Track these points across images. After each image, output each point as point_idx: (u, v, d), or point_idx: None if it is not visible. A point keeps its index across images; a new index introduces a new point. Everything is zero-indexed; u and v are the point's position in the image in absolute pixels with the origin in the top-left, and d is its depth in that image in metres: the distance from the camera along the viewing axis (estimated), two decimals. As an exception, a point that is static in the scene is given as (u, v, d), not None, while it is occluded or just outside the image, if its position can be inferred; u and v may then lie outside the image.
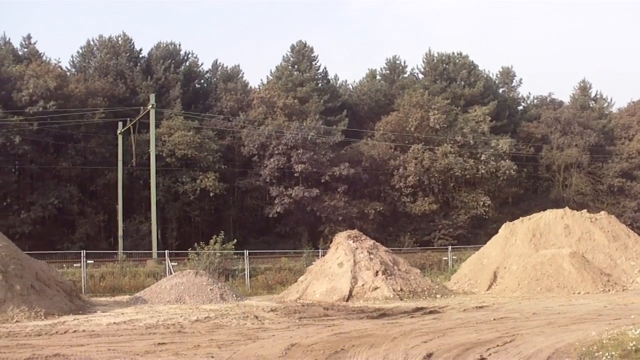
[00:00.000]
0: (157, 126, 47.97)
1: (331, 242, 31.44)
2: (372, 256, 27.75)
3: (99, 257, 36.95)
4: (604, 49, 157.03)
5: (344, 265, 27.44)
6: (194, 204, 56.32)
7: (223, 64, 74.05)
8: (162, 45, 67.55)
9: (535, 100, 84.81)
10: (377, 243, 29.92)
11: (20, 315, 20.19)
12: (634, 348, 12.51)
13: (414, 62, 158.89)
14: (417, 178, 62.12)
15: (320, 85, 70.93)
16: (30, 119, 51.35)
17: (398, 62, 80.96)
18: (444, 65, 76.13)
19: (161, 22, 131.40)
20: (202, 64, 71.78)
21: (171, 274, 29.96)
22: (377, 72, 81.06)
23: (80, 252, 32.49)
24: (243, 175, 60.18)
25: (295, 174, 58.88)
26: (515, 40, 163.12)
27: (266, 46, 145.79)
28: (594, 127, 75.22)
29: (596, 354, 12.63)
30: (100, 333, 17.90)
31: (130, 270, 34.13)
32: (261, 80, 76.01)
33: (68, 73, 63.08)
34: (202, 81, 71.85)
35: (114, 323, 19.64)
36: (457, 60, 76.56)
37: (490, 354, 13.96)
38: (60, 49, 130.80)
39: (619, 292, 27.30)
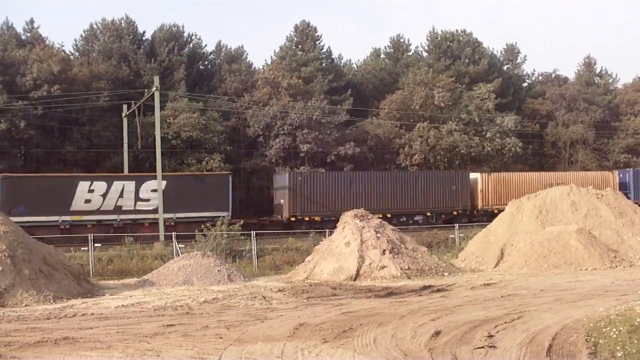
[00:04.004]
0: (161, 108, 47.90)
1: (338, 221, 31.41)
2: (379, 235, 27.75)
3: (107, 241, 37.04)
4: (608, 24, 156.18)
5: (350, 245, 27.45)
6: (200, 186, 56.37)
7: (227, 45, 73.97)
8: (165, 28, 67.37)
9: (540, 77, 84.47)
10: (384, 222, 29.93)
11: (29, 299, 20.30)
12: (641, 323, 12.54)
13: (417, 41, 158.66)
14: (423, 156, 62.07)
15: (324, 64, 70.67)
16: (35, 103, 51.34)
17: (402, 40, 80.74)
18: (448, 43, 75.78)
19: (164, 4, 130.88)
20: (205, 46, 71.66)
21: (178, 255, 29.99)
22: (381, 51, 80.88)
23: (88, 236, 32.55)
24: (248, 156, 60.18)
25: (300, 154, 58.86)
26: (519, 17, 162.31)
27: (270, 26, 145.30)
28: (599, 103, 75.01)
29: (604, 330, 12.67)
30: (108, 316, 18.01)
31: (137, 252, 34.20)
32: (265, 60, 76.14)
33: (72, 57, 62.98)
34: (206, 62, 71.72)
35: (123, 306, 19.76)
36: (461, 38, 76.21)
37: (498, 331, 14.02)
38: (63, 33, 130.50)
39: (626, 268, 27.34)
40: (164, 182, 42.01)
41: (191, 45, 69.02)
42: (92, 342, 14.05)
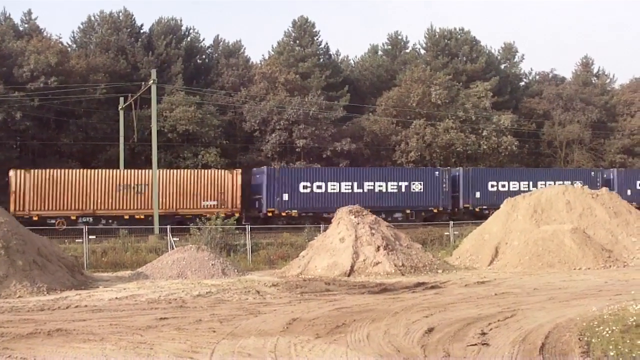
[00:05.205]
0: (158, 102, 47.87)
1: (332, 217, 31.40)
2: (373, 231, 27.76)
3: (101, 233, 37.02)
4: (606, 24, 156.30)
5: (345, 240, 27.45)
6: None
7: (224, 40, 73.91)
8: (163, 21, 67.31)
9: (537, 76, 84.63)
10: (379, 218, 29.92)
11: (22, 291, 20.27)
12: (634, 323, 12.55)
13: (415, 38, 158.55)
14: (419, 153, 62.12)
15: (321, 60, 70.81)
16: (32, 94, 51.25)
17: (400, 37, 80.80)
18: (446, 40, 75.88)
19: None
20: (203, 40, 71.73)
21: (173, 249, 30.01)
22: (379, 48, 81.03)
23: (82, 228, 32.55)
24: (244, 151, 60.15)
25: (296, 149, 58.86)
26: (517, 16, 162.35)
27: (268, 21, 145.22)
28: (595, 104, 75.13)
29: (597, 329, 12.67)
30: (102, 308, 17.99)
31: (132, 245, 34.20)
32: (263, 55, 75.99)
33: (69, 49, 62.94)
34: (204, 57, 71.64)
35: (116, 298, 19.73)
36: (459, 36, 76.32)
37: (491, 329, 14.02)
38: (61, 25, 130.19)
39: (620, 268, 27.36)
40: None
41: (189, 39, 68.96)
42: (85, 334, 14.02)
